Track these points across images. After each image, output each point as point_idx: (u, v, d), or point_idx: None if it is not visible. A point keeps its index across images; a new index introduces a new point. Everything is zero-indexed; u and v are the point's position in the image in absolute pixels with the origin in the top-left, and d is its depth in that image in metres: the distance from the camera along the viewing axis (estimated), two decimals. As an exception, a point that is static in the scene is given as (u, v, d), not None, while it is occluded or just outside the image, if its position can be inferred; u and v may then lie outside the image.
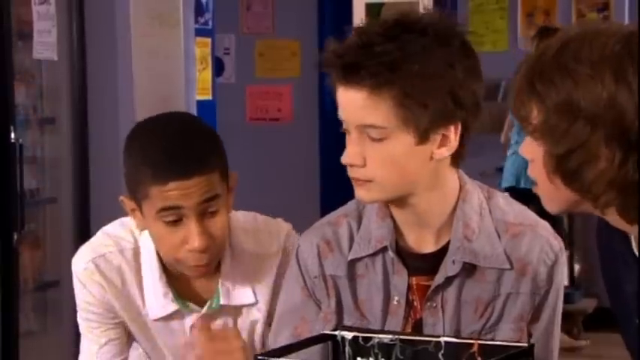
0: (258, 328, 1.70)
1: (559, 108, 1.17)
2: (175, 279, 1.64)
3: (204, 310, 1.65)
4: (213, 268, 1.60)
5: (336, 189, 6.15)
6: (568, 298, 3.64)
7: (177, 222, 1.53)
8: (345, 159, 1.45)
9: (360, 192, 1.47)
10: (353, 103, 1.43)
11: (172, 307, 1.64)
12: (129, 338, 1.70)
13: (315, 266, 1.55)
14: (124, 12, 3.56)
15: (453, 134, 1.45)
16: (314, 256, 1.55)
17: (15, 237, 3.10)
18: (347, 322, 1.52)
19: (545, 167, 1.21)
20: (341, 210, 1.57)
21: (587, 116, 1.15)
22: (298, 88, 5.84)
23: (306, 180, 5.73)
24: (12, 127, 3.12)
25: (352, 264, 1.53)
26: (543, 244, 1.51)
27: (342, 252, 1.54)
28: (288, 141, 5.77)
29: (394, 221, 1.52)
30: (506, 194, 1.60)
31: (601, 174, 1.17)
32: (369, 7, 5.99)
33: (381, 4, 5.94)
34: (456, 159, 1.49)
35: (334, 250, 1.54)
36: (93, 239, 1.69)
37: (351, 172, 1.46)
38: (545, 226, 1.54)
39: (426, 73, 1.41)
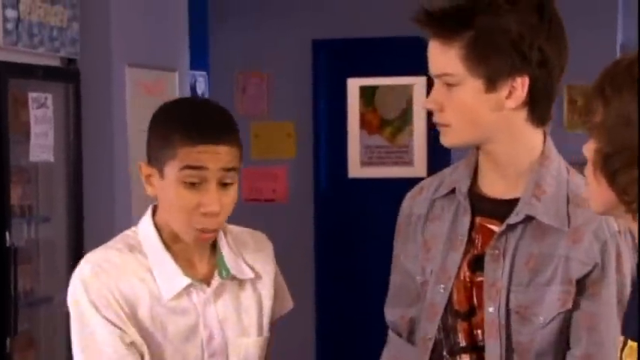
0: (266, 306, 1.78)
1: (618, 112, 1.28)
2: (176, 260, 1.71)
3: (216, 279, 1.71)
4: (214, 238, 1.71)
5: (330, 271, 6.13)
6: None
7: (195, 185, 1.63)
8: (426, 104, 1.65)
9: (441, 137, 1.65)
10: (431, 52, 1.63)
11: (185, 280, 1.69)
12: None
13: (407, 204, 1.79)
14: (121, 110, 3.61)
15: (520, 86, 1.59)
16: (412, 196, 1.79)
17: (8, 342, 3.09)
18: (412, 250, 1.75)
19: (593, 165, 1.32)
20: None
21: (638, 126, 1.27)
22: (293, 169, 5.87)
23: (300, 261, 5.73)
24: (7, 233, 3.13)
25: (432, 203, 1.74)
26: (601, 222, 1.63)
27: (429, 193, 1.75)
28: (282, 222, 5.78)
29: (477, 168, 1.69)
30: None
31: (635, 180, 1.27)
32: (363, 90, 6.08)
33: (375, 87, 6.04)
34: (534, 116, 1.63)
35: (423, 193, 1.77)
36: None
37: (434, 117, 1.65)
38: None
39: (492, 26, 1.57)
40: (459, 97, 1.61)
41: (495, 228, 1.66)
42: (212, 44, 5.88)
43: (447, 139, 1.65)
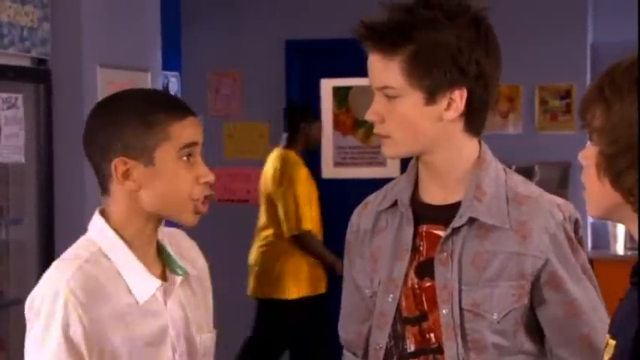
0: (209, 301, 1.82)
1: (621, 114, 1.28)
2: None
3: (171, 278, 1.72)
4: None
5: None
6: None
7: (189, 160, 1.66)
8: (366, 115, 1.69)
9: (383, 148, 1.71)
10: (372, 66, 1.67)
11: (156, 282, 1.69)
12: None
13: (355, 221, 1.83)
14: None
15: (459, 98, 1.65)
16: (358, 213, 1.83)
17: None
18: (360, 264, 1.79)
19: (596, 167, 1.32)
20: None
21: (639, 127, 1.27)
22: (266, 170, 5.85)
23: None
24: (-22, 235, 3.10)
25: (377, 217, 1.78)
26: (546, 214, 1.69)
27: (374, 207, 1.80)
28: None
29: (417, 178, 1.75)
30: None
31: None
32: (337, 90, 6.09)
33: (349, 88, 6.05)
34: (470, 126, 1.69)
35: (368, 207, 1.82)
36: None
37: (375, 129, 1.70)
38: (549, 198, 1.73)
39: (432, 41, 1.63)
40: (400, 109, 1.66)
41: (441, 233, 1.71)
42: (184, 44, 5.86)
43: (388, 150, 1.70)
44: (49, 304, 1.61)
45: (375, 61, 1.67)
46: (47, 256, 3.48)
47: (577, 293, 1.70)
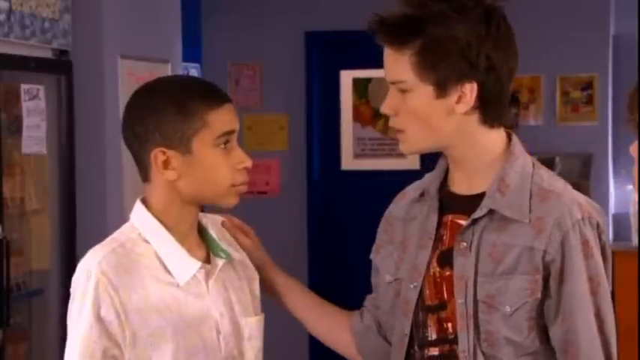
0: (255, 285, 1.83)
1: None
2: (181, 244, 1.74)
3: (215, 261, 1.74)
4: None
5: (323, 263, 6.10)
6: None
7: (226, 146, 1.68)
8: (381, 109, 1.71)
9: (400, 145, 1.73)
10: (385, 60, 1.69)
11: (196, 263, 1.71)
12: None
13: (390, 208, 1.86)
14: (113, 101, 3.60)
15: (469, 91, 1.66)
16: (395, 200, 1.86)
17: (0, 334, 3.09)
18: (387, 250, 1.82)
19: None
20: None
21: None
22: (286, 161, 5.86)
23: (293, 253, 5.73)
24: (0, 225, 3.12)
25: (411, 206, 1.81)
26: (564, 210, 1.67)
27: (410, 196, 1.82)
28: (275, 214, 5.78)
29: (447, 169, 1.77)
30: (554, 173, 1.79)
31: None
32: (356, 82, 6.08)
33: (369, 80, 6.04)
34: (486, 118, 1.69)
35: (406, 197, 1.84)
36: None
37: (390, 122, 1.72)
38: (572, 195, 1.71)
39: (441, 35, 1.64)
40: (412, 103, 1.68)
41: (464, 223, 1.72)
42: (205, 35, 5.87)
43: (404, 146, 1.72)
44: (82, 286, 1.65)
45: (387, 56, 1.69)
46: (68, 246, 3.50)
47: (570, 297, 1.67)
